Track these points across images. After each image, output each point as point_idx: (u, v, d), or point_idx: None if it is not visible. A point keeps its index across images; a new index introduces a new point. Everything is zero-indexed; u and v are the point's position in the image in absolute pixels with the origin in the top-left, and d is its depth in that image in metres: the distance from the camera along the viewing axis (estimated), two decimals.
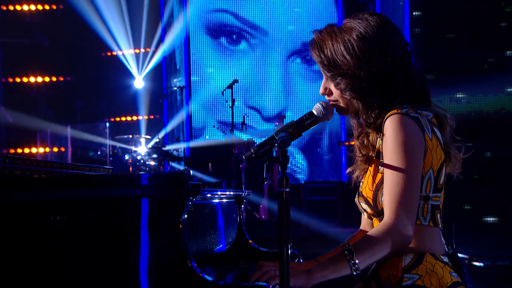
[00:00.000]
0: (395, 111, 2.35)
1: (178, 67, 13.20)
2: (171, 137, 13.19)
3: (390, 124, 2.33)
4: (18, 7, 13.05)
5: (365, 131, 2.49)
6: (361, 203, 2.52)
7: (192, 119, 12.55)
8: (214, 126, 12.19)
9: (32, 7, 13.09)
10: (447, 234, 2.51)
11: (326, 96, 2.53)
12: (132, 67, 13.43)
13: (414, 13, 10.00)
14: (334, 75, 2.45)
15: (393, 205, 2.29)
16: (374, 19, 2.44)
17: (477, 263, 7.13)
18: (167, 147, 11.82)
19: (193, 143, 12.05)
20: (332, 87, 2.50)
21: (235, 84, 10.32)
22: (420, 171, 2.33)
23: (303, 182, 11.76)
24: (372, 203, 2.44)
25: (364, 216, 2.60)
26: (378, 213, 2.43)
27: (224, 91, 10.57)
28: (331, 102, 2.51)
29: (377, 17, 2.45)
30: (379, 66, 2.39)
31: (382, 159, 2.38)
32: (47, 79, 13.29)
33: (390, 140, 2.32)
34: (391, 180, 2.31)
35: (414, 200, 2.30)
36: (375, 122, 2.42)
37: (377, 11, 11.79)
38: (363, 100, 2.43)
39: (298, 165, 12.56)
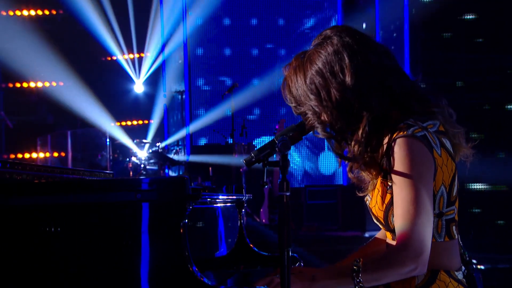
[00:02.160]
0: (401, 133, 2.27)
1: (178, 71, 13.21)
2: (171, 142, 13.19)
3: (397, 149, 2.26)
4: (18, 13, 13.05)
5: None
6: (372, 218, 2.45)
7: (192, 123, 12.55)
8: (214, 130, 12.19)
9: (32, 12, 13.10)
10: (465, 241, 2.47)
11: None
12: (132, 71, 13.44)
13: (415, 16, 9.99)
14: (301, 113, 2.40)
15: (406, 235, 2.21)
16: (336, 41, 2.33)
17: (479, 266, 7.11)
18: (168, 140, 11.81)
19: (193, 147, 12.05)
20: None
21: (235, 88, 10.35)
22: (431, 194, 2.26)
23: (303, 185, 11.75)
24: (383, 222, 2.38)
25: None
26: (390, 230, 2.39)
27: (224, 95, 10.58)
28: None
29: (339, 38, 2.34)
30: (341, 97, 2.30)
31: (390, 180, 2.31)
32: (47, 84, 13.29)
33: (398, 165, 2.25)
34: (401, 208, 2.24)
35: (428, 227, 2.22)
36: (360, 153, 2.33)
37: (376, 14, 11.80)
38: (334, 136, 2.40)
39: (295, 167, 12.56)
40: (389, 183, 2.33)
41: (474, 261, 2.50)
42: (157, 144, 11.45)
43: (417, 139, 2.25)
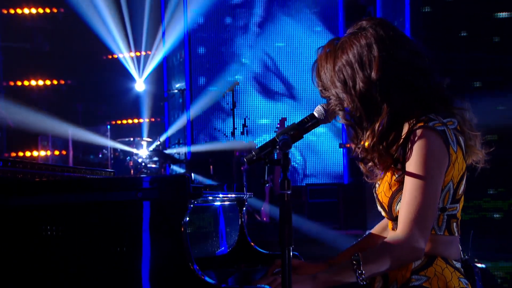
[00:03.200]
0: (421, 123, 2.34)
1: (179, 69, 13.21)
2: (172, 140, 13.19)
3: (416, 138, 2.32)
4: (19, 11, 13.05)
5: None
6: (377, 205, 2.53)
7: (193, 121, 12.54)
8: (215, 129, 12.19)
9: (33, 11, 13.10)
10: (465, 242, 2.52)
11: None
12: (133, 70, 13.44)
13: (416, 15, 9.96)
14: (326, 97, 2.48)
15: (408, 220, 2.29)
16: (370, 34, 2.41)
17: (478, 265, 7.11)
18: (168, 151, 11.82)
19: (194, 146, 12.04)
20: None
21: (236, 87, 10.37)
22: (440, 187, 2.33)
23: (304, 184, 11.75)
24: (387, 209, 2.45)
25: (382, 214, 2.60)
26: (392, 218, 2.45)
27: (225, 94, 10.58)
28: None
29: (374, 32, 2.41)
30: (366, 89, 2.37)
31: (401, 169, 2.37)
32: (48, 82, 13.29)
33: (414, 154, 2.32)
34: (409, 194, 2.31)
35: (430, 217, 2.31)
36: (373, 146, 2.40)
37: (378, 13, 11.79)
38: (353, 124, 2.46)
39: (296, 165, 12.56)
40: (398, 173, 2.39)
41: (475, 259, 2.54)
42: (157, 143, 11.44)
43: (436, 132, 2.32)
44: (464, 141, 2.42)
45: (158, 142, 11.46)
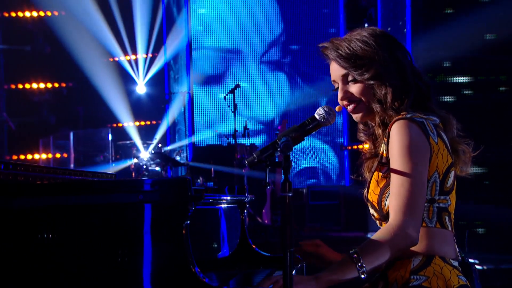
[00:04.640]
0: (400, 116, 2.42)
1: (180, 72, 13.21)
2: (173, 142, 13.19)
3: (396, 130, 2.39)
4: (20, 14, 13.06)
5: (377, 131, 2.57)
6: (368, 208, 2.57)
7: (195, 124, 12.55)
8: (216, 131, 12.19)
9: (34, 14, 13.11)
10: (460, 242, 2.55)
11: (346, 101, 2.58)
12: (134, 72, 13.44)
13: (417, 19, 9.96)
14: (356, 65, 2.49)
15: (398, 207, 2.34)
16: (379, 29, 2.56)
17: (479, 267, 7.11)
18: (170, 147, 11.81)
19: (195, 148, 12.04)
20: (352, 88, 2.55)
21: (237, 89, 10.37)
22: (425, 175, 2.38)
23: (305, 186, 11.75)
24: (377, 207, 2.49)
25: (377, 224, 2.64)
26: (384, 217, 2.48)
27: (226, 96, 10.58)
28: (351, 107, 2.57)
29: (384, 32, 2.57)
30: (396, 56, 2.49)
31: (387, 165, 2.44)
32: (49, 85, 13.29)
33: (395, 144, 2.38)
34: (396, 184, 2.36)
35: (419, 203, 2.35)
36: (398, 108, 2.46)
37: (379, 15, 11.80)
38: (389, 85, 2.48)
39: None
40: (384, 169, 2.46)
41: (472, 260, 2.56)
42: (159, 145, 11.44)
43: (415, 122, 2.39)
44: (447, 139, 2.49)
45: (160, 145, 11.46)
